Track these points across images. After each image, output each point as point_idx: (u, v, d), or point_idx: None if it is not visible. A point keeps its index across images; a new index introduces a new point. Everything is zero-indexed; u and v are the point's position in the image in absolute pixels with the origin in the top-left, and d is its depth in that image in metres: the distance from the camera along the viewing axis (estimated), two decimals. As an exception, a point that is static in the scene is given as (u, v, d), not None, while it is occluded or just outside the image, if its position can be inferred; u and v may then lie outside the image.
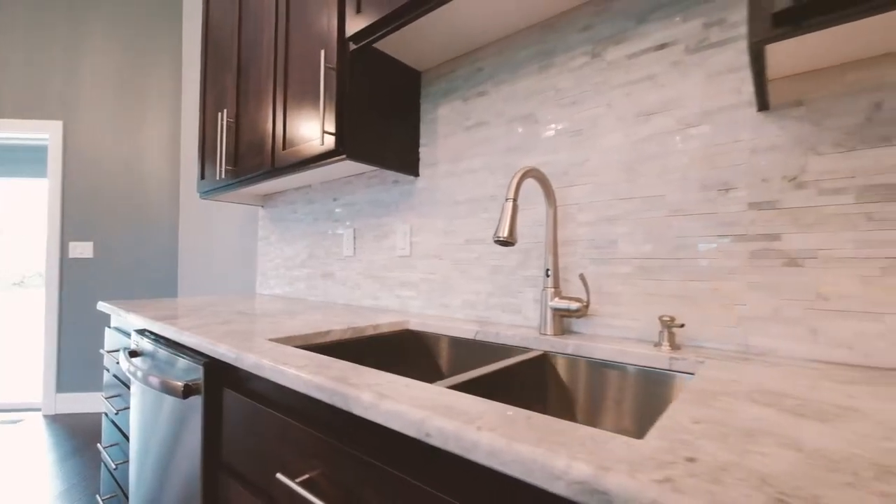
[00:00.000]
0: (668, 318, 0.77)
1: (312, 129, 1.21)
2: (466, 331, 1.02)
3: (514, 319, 1.07)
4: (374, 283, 1.46)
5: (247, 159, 1.51)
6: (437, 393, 0.49)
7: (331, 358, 0.66)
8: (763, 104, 0.72)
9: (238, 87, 1.58)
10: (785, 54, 0.63)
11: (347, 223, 1.58)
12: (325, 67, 1.14)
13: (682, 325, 0.76)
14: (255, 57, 1.49)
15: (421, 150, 1.33)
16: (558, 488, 0.32)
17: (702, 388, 0.52)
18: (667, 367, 0.73)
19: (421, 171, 1.32)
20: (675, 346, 0.77)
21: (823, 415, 0.43)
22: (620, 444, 0.35)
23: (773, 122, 0.73)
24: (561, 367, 0.86)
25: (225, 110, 1.60)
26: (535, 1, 0.96)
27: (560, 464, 0.32)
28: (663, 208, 0.85)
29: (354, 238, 1.54)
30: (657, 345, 0.78)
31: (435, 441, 0.41)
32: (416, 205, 1.33)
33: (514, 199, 0.80)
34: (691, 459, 0.33)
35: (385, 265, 1.42)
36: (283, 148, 1.32)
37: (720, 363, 0.66)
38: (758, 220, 0.75)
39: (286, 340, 0.85)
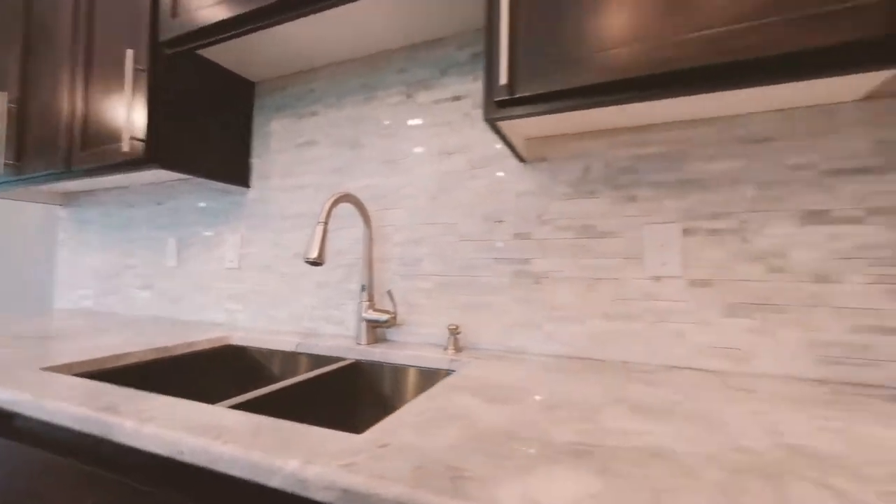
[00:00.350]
0: (453, 326, 0.93)
1: (118, 131, 1.11)
2: (289, 343, 1.06)
3: (338, 330, 1.14)
4: (200, 296, 1.38)
5: (35, 155, 1.28)
6: (209, 413, 0.54)
7: (109, 385, 0.64)
8: (520, 158, 0.93)
9: (24, 67, 1.34)
10: (518, 126, 0.83)
11: (171, 231, 1.46)
12: (135, 69, 1.06)
13: (460, 332, 0.92)
14: (48, 37, 1.29)
15: (254, 160, 1.31)
16: (275, 482, 0.40)
17: (448, 384, 0.67)
18: (447, 367, 0.88)
19: (253, 182, 1.31)
20: (458, 350, 0.93)
21: (511, 400, 0.60)
22: (340, 440, 0.45)
23: (528, 172, 0.95)
24: (368, 373, 0.96)
25: (6, 92, 1.34)
26: (356, 35, 1.06)
27: (277, 462, 0.41)
28: (456, 234, 1.01)
29: (178, 248, 1.44)
30: (445, 349, 0.94)
31: (187, 458, 0.46)
32: (246, 216, 1.31)
33: (325, 223, 0.87)
34: (383, 445, 0.44)
35: (213, 277, 1.36)
36: (83, 148, 1.17)
37: (480, 362, 0.83)
38: (522, 247, 0.95)
39: (65, 368, 0.78)
